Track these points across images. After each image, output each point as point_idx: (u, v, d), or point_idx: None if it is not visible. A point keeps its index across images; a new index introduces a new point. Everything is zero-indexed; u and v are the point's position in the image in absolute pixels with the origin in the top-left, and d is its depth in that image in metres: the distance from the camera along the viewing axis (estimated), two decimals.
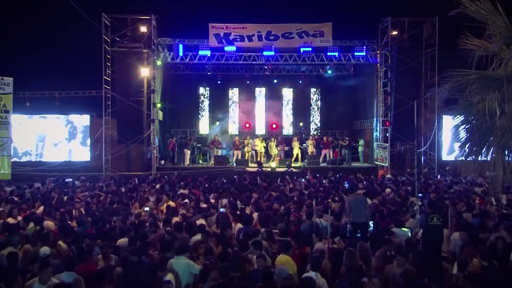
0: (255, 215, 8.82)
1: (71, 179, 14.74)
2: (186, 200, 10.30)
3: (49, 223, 8.19)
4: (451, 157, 18.69)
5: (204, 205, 9.83)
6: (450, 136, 6.06)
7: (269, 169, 18.44)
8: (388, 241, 6.64)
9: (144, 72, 18.91)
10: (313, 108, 23.65)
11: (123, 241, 7.01)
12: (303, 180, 14.67)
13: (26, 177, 14.81)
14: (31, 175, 15.69)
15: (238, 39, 18.74)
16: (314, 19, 19.05)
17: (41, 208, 9.54)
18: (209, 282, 5.29)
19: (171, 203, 10.09)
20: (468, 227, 7.39)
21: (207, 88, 22.90)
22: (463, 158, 6.09)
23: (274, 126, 23.09)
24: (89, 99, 20.54)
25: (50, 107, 20.44)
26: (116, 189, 12.79)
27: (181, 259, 5.89)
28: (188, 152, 19.86)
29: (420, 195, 10.05)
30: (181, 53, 18.98)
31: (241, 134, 22.43)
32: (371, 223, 8.19)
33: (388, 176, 16.51)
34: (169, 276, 5.50)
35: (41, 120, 20.44)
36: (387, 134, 18.58)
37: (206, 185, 13.66)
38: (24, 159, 20.03)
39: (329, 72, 21.31)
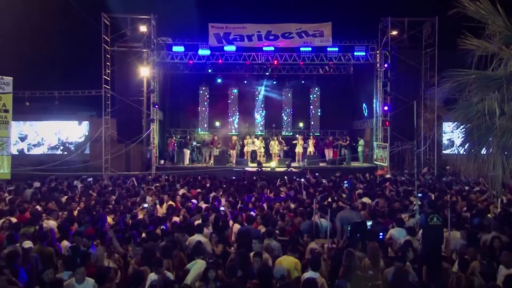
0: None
1: (91, 178, 14.95)
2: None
3: (50, 222, 8.19)
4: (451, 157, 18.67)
5: (204, 205, 9.83)
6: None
7: (268, 169, 18.44)
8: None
9: (144, 71, 18.89)
10: (313, 108, 23.63)
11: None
12: (302, 180, 14.67)
13: (26, 177, 14.79)
14: (31, 174, 15.70)
15: (238, 39, 18.74)
16: (314, 19, 19.04)
17: (39, 207, 9.54)
18: (211, 282, 5.29)
19: (171, 203, 10.09)
20: (467, 226, 7.40)
21: (207, 88, 22.89)
22: (463, 158, 6.10)
23: (274, 126, 23.11)
24: (89, 99, 20.56)
25: (49, 106, 20.45)
26: (112, 188, 12.79)
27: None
28: (187, 152, 19.87)
29: (420, 195, 10.05)
30: (181, 53, 18.97)
31: (240, 133, 22.44)
32: (369, 223, 8.16)
33: (388, 176, 16.51)
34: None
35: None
36: (387, 134, 18.58)
37: (208, 185, 13.64)
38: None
39: (332, 72, 21.30)
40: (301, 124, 23.58)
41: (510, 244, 6.55)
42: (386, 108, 18.68)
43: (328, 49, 18.74)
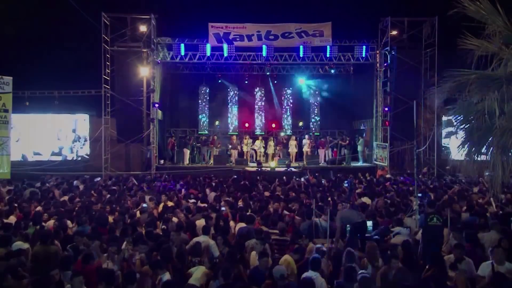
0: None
1: (99, 178, 15.00)
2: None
3: (50, 223, 8.17)
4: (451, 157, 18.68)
5: (202, 205, 9.82)
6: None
7: (268, 169, 18.44)
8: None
9: (144, 71, 18.90)
10: (313, 108, 23.64)
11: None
12: (302, 180, 14.66)
13: (25, 177, 14.80)
14: (31, 174, 15.71)
15: (238, 39, 18.74)
16: (314, 18, 19.05)
17: (39, 207, 9.52)
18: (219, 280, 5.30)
19: (169, 203, 10.08)
20: (466, 226, 7.39)
21: (207, 88, 22.89)
22: (463, 158, 6.10)
23: (273, 125, 23.11)
24: (89, 98, 20.53)
25: (49, 106, 20.43)
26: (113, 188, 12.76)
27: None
28: (187, 152, 19.87)
29: (420, 195, 10.04)
30: (182, 53, 18.96)
31: (240, 133, 22.44)
32: (369, 223, 8.16)
33: (388, 176, 16.51)
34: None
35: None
36: (387, 134, 18.59)
37: (213, 184, 13.61)
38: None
39: (332, 71, 21.31)
40: (300, 124, 23.58)
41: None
42: (386, 108, 18.68)
43: (328, 49, 18.73)
